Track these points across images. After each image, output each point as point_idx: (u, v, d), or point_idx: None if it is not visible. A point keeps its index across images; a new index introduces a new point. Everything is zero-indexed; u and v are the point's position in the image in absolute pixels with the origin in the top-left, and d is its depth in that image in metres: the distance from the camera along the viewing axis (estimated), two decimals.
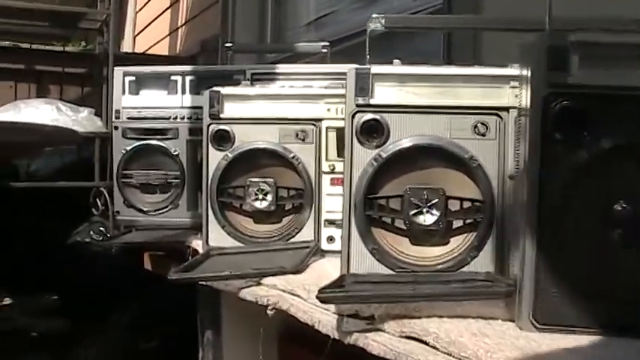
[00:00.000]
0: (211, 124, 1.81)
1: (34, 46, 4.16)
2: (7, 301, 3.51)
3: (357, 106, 1.37)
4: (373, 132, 1.36)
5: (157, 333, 3.07)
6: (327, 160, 1.78)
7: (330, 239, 1.78)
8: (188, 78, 2.30)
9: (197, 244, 1.93)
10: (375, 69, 1.37)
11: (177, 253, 2.27)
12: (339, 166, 1.75)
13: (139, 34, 6.48)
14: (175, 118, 2.30)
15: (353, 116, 1.37)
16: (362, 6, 3.14)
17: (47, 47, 4.33)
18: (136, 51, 5.97)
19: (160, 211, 2.34)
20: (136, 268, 2.64)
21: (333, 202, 1.77)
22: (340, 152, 1.76)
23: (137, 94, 2.35)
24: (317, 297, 1.10)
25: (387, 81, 1.37)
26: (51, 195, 3.34)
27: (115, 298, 3.24)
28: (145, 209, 2.35)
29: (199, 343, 2.52)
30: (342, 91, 1.76)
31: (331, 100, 1.77)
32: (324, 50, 2.33)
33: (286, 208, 1.81)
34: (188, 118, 2.29)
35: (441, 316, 1.11)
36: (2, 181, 3.37)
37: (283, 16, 3.89)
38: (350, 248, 1.35)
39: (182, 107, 2.30)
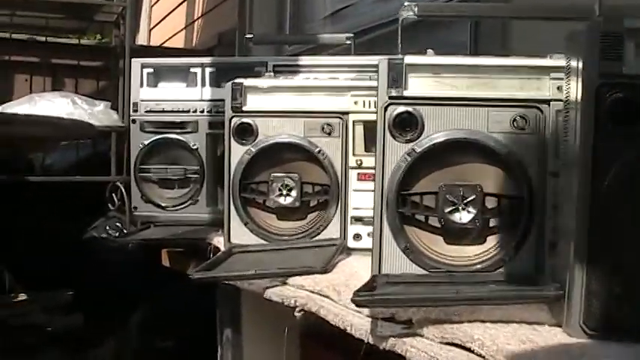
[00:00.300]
0: (233, 117, 1.74)
1: (50, 39, 4.09)
2: (23, 296, 3.46)
3: (390, 98, 1.30)
4: (406, 125, 1.29)
5: (174, 331, 3.01)
6: (354, 154, 1.71)
7: (357, 237, 1.71)
8: (208, 70, 2.23)
9: (218, 241, 1.87)
10: (409, 59, 1.31)
11: (197, 250, 2.21)
12: (367, 161, 1.69)
13: (154, 27, 6.43)
14: (195, 111, 2.24)
15: (385, 109, 1.30)
16: None
17: (63, 40, 4.26)
18: (151, 44, 5.92)
19: (179, 207, 2.28)
20: (154, 265, 2.59)
21: (360, 198, 1.70)
22: (368, 146, 1.70)
23: (155, 86, 2.29)
24: (352, 300, 1.04)
25: (421, 72, 1.31)
26: (67, 189, 3.30)
27: (132, 294, 3.19)
28: (163, 205, 2.30)
29: (218, 341, 2.47)
30: (370, 83, 1.72)
31: (359, 92, 1.70)
32: (348, 42, 2.26)
33: (311, 205, 1.75)
34: (208, 112, 2.23)
35: (483, 321, 1.04)
36: (17, 175, 3.33)
37: (302, 8, 3.83)
38: (381, 247, 1.29)
39: (202, 100, 2.23)
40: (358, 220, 1.71)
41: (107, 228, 3.22)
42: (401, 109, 1.30)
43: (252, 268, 1.49)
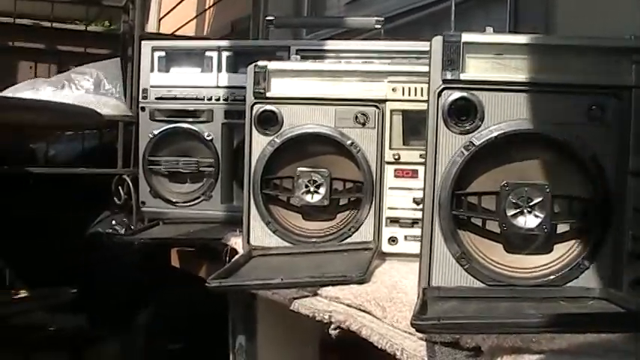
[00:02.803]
0: (256, 103, 1.56)
1: (55, 25, 3.91)
2: (24, 293, 3.28)
3: (445, 81, 1.12)
4: (463, 114, 1.11)
5: (183, 333, 2.83)
6: (390, 148, 1.52)
7: (393, 240, 1.53)
8: (225, 54, 2.05)
9: (235, 242, 1.68)
10: (467, 37, 1.12)
11: (209, 250, 2.03)
12: (405, 156, 1.52)
13: (163, 17, 6.26)
14: (210, 98, 2.06)
15: (439, 94, 1.12)
16: None
17: (69, 26, 4.08)
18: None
19: (191, 203, 2.10)
20: (162, 263, 2.41)
21: (396, 197, 1.52)
22: (407, 139, 1.52)
23: (167, 71, 2.11)
24: (413, 325, 0.85)
25: (481, 52, 1.13)
26: (71, 182, 3.12)
27: (138, 293, 3.02)
28: (173, 200, 2.12)
29: (230, 348, 2.29)
30: (409, 68, 1.53)
31: (397, 77, 1.51)
32: (378, 26, 2.08)
33: (341, 204, 1.56)
34: (224, 99, 2.05)
35: (566, 350, 0.86)
36: (18, 165, 3.15)
37: None
38: (432, 256, 1.11)
39: (217, 87, 2.05)
40: (394, 221, 1.53)
41: (113, 223, 3.04)
42: (457, 94, 1.12)
43: (277, 274, 1.31)
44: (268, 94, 1.56)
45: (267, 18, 2.12)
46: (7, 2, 3.71)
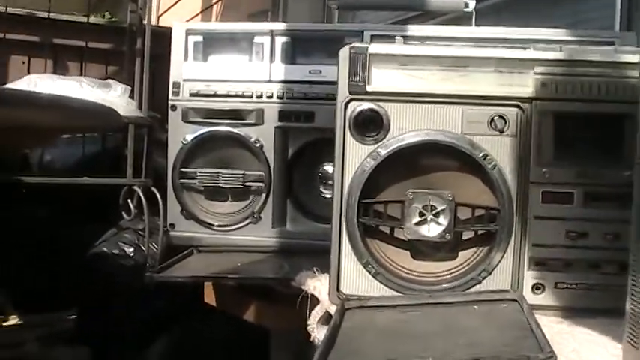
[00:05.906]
0: (352, 100, 1.15)
1: (53, 16, 3.53)
2: (14, 319, 2.88)
3: None
4: None
5: None
6: (538, 164, 1.12)
7: (537, 288, 1.13)
8: (279, 40, 1.65)
9: (314, 286, 1.25)
10: None
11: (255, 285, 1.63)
12: (557, 175, 1.11)
13: (163, 13, 5.89)
14: (260, 95, 1.66)
15: None
16: None
17: (67, 17, 3.70)
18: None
19: (233, 227, 1.69)
20: (190, 297, 2.02)
21: (545, 229, 1.12)
22: (559, 152, 1.12)
23: (205, 61, 1.71)
24: None
25: None
26: (70, 193, 2.72)
27: (150, 323, 2.61)
28: (211, 223, 1.71)
29: None
30: (568, 55, 1.13)
31: (548, 68, 1.11)
32: (468, 10, 1.68)
33: (464, 238, 1.16)
34: (278, 97, 1.65)
35: None
36: (10, 173, 2.75)
37: None
38: None
39: (270, 81, 1.66)
40: (540, 263, 1.13)
41: (120, 242, 2.63)
42: None
43: (398, 346, 0.90)
44: (369, 88, 1.15)
45: None
46: None
